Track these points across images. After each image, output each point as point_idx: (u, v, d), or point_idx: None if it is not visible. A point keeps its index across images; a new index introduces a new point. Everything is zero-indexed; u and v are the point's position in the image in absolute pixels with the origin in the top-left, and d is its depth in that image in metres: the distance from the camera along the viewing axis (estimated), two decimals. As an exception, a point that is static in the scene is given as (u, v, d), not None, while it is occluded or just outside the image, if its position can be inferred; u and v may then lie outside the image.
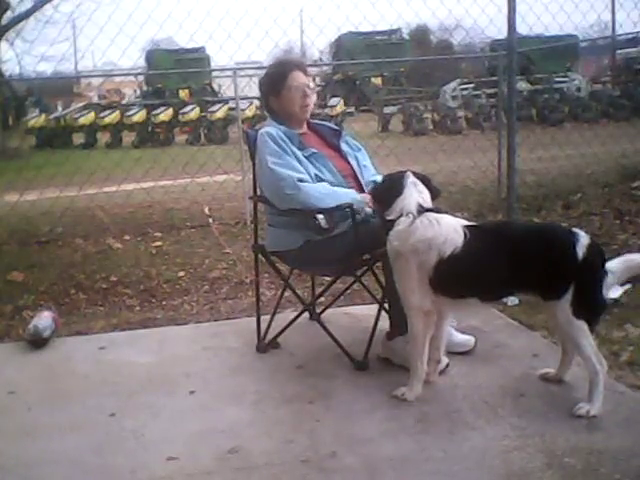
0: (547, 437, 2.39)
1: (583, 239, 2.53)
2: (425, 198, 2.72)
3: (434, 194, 2.80)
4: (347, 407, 2.71)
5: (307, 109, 3.27)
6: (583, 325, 2.52)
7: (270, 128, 3.18)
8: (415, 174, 2.80)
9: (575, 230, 2.60)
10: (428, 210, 2.67)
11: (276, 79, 3.24)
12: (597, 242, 2.65)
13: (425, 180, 2.81)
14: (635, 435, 2.36)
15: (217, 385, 2.98)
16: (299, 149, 3.14)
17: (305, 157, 3.13)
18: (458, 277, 2.59)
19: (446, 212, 2.75)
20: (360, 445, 2.42)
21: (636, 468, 2.20)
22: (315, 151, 3.18)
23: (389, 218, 2.70)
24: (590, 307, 2.55)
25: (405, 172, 2.80)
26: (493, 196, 6.50)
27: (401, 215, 2.66)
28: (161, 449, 2.45)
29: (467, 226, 2.65)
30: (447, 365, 2.94)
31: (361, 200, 3.03)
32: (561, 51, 15.85)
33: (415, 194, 2.71)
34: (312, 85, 3.30)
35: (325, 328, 3.19)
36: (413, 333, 2.73)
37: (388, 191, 2.77)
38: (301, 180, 3.01)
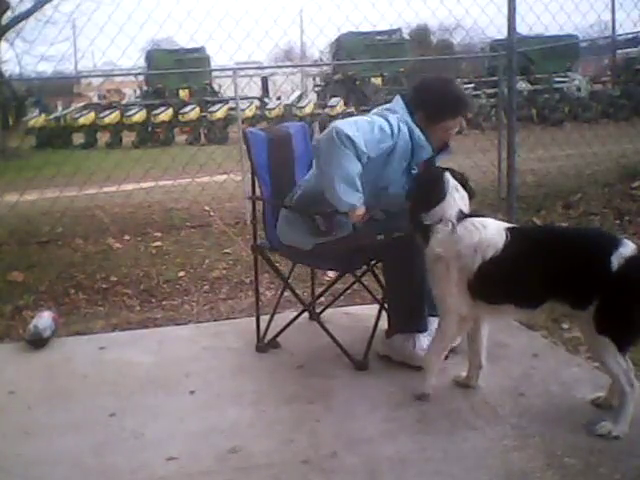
0: (547, 437, 2.39)
1: (625, 249, 2.30)
2: (466, 203, 2.65)
3: (470, 195, 2.71)
4: (347, 407, 2.71)
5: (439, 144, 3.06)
6: (607, 342, 2.33)
7: (413, 126, 2.93)
8: (453, 173, 2.69)
9: (622, 239, 2.38)
10: (469, 215, 2.60)
11: (445, 111, 2.99)
12: None
13: (463, 181, 2.71)
14: (635, 435, 2.35)
15: (217, 385, 2.98)
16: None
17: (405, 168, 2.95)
18: (495, 280, 2.50)
19: (484, 215, 2.67)
20: (360, 445, 2.42)
21: (636, 468, 2.20)
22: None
23: (426, 223, 2.61)
24: (618, 325, 2.33)
25: (444, 172, 2.69)
26: (493, 196, 6.49)
27: (440, 221, 2.58)
28: (161, 449, 2.45)
29: (509, 228, 2.56)
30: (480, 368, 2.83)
31: (352, 210, 2.80)
32: (561, 51, 15.83)
33: (458, 200, 2.62)
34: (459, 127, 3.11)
35: (325, 328, 3.19)
36: (443, 334, 2.69)
37: (428, 194, 2.64)
38: (358, 145, 2.72)
